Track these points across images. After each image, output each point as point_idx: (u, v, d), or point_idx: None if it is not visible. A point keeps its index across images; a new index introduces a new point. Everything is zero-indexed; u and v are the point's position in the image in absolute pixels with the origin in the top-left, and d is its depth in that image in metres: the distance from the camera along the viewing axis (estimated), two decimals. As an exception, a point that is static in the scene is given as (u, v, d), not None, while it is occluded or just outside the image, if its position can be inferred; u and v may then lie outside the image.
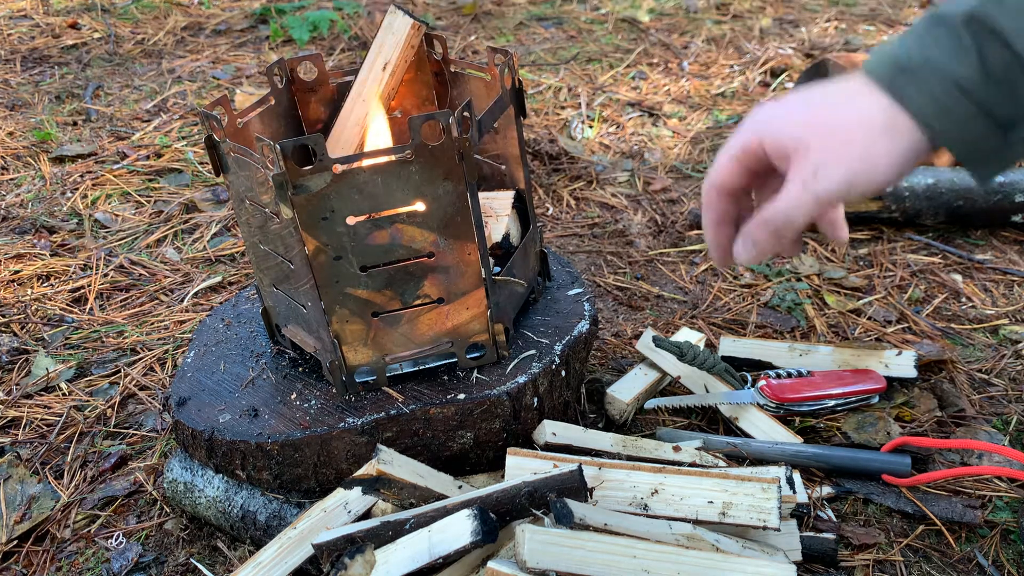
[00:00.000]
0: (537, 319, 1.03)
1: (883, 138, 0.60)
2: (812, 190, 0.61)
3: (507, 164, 1.04)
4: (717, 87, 2.23)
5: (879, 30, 2.57)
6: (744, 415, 1.08)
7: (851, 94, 0.63)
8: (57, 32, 2.80)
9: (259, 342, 1.05)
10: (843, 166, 0.61)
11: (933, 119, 0.59)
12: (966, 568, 0.91)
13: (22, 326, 1.42)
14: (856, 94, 0.62)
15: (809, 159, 0.62)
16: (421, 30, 1.02)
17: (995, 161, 0.62)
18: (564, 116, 2.11)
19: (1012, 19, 0.57)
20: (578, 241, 1.60)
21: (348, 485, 0.86)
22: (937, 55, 0.59)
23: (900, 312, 1.33)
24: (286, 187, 0.80)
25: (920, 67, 0.59)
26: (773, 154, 0.64)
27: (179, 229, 1.70)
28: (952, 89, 0.58)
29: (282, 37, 2.72)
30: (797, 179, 0.62)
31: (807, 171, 0.61)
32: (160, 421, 1.19)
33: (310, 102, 1.06)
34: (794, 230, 0.64)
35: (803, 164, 0.62)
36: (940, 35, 0.59)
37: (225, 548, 0.97)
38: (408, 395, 0.92)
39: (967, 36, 0.58)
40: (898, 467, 0.99)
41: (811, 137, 0.62)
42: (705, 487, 0.83)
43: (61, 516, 1.05)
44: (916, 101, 0.59)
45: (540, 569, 0.71)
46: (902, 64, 0.60)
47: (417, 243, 0.86)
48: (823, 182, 0.61)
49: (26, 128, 2.16)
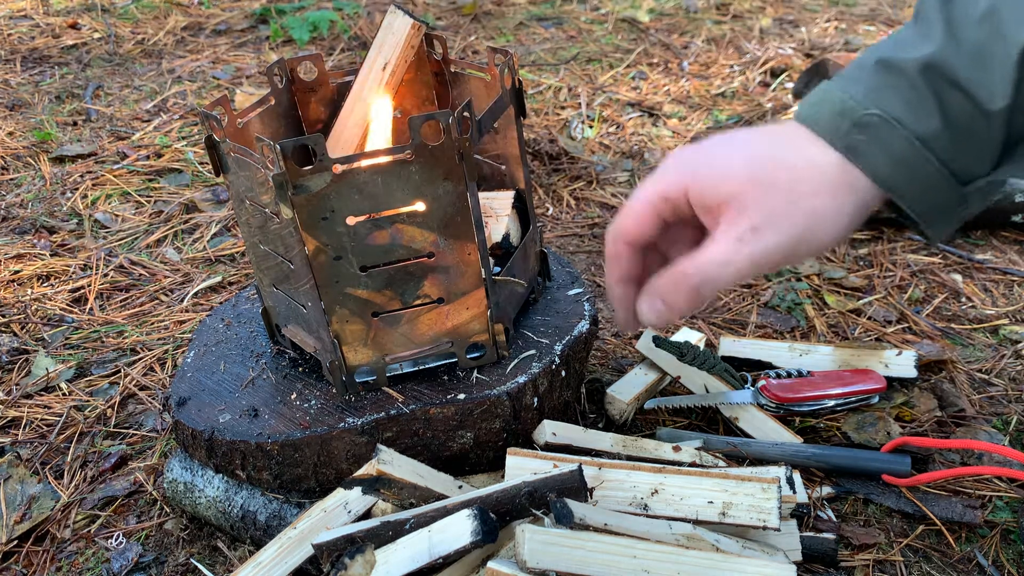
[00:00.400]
0: (537, 319, 1.03)
1: (833, 195, 0.55)
2: (749, 251, 0.54)
3: (507, 164, 1.04)
4: (717, 87, 2.23)
5: (879, 30, 2.57)
6: (744, 415, 1.08)
7: (795, 145, 0.56)
8: (57, 32, 2.80)
9: (259, 342, 1.05)
10: (787, 226, 0.54)
11: (891, 176, 0.55)
12: (966, 568, 0.91)
13: (22, 326, 1.42)
14: (801, 146, 0.56)
15: (746, 215, 0.55)
16: (421, 30, 1.02)
17: (951, 216, 0.57)
18: (564, 116, 2.11)
19: (972, 68, 0.52)
20: (578, 241, 1.60)
21: (348, 485, 0.86)
22: (894, 108, 0.54)
23: (900, 312, 1.33)
24: (286, 187, 0.80)
25: (875, 121, 0.54)
26: (699, 206, 0.57)
27: (179, 229, 1.70)
28: (912, 144, 0.54)
29: (282, 37, 2.72)
30: (730, 234, 0.55)
31: (742, 228, 0.54)
32: (160, 421, 1.19)
33: (310, 102, 1.06)
34: (712, 293, 0.57)
35: (738, 220, 0.55)
36: (894, 85, 0.55)
37: (225, 548, 0.97)
38: (408, 395, 0.92)
39: (924, 87, 0.54)
40: (898, 467, 0.99)
41: (749, 191, 0.55)
42: (705, 487, 0.83)
43: (61, 516, 1.05)
44: (872, 158, 0.54)
45: (540, 569, 0.71)
46: (854, 116, 0.55)
47: (417, 243, 0.86)
48: (762, 243, 0.54)
49: (26, 128, 2.16)
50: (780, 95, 2.15)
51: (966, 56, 0.53)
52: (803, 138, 0.56)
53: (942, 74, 0.53)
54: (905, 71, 0.54)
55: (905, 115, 0.54)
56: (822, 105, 0.57)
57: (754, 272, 0.56)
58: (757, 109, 2.07)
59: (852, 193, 0.55)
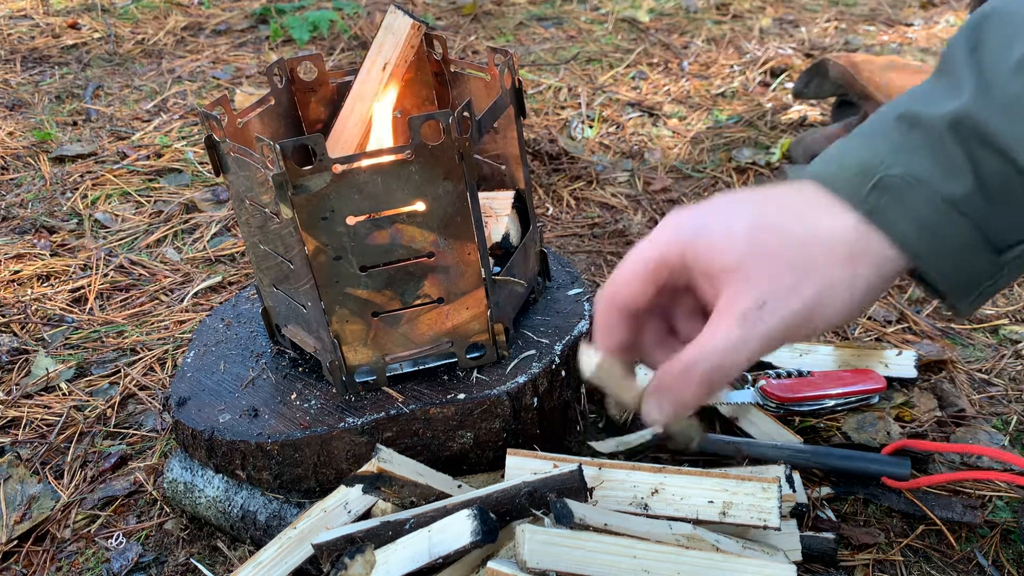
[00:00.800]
0: (537, 319, 1.03)
1: (846, 265, 0.49)
2: (758, 330, 0.49)
3: (507, 164, 1.04)
4: (717, 87, 2.23)
5: (879, 30, 2.57)
6: (744, 415, 1.08)
7: (807, 208, 0.51)
8: (57, 32, 2.80)
9: (259, 342, 1.05)
10: (799, 300, 0.49)
11: (917, 243, 0.49)
12: (966, 568, 0.91)
13: (22, 326, 1.42)
14: (813, 208, 0.51)
15: (751, 288, 0.49)
16: (421, 30, 1.02)
17: (983, 288, 0.52)
18: (564, 116, 2.11)
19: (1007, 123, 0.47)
20: (578, 241, 1.60)
21: (350, 482, 0.86)
22: (922, 169, 0.49)
23: (900, 312, 1.33)
24: (286, 187, 0.80)
25: (899, 182, 0.49)
26: (699, 273, 0.52)
27: (179, 229, 1.70)
28: (942, 209, 0.48)
29: (282, 37, 2.72)
30: (734, 312, 0.50)
31: (748, 303, 0.49)
32: (160, 421, 1.19)
33: (310, 102, 1.06)
34: (726, 381, 0.51)
35: (742, 294, 0.50)
36: (919, 143, 0.49)
37: (225, 548, 0.97)
38: (408, 395, 0.92)
39: (955, 146, 0.48)
40: (898, 470, 0.99)
41: (755, 260, 0.50)
42: (705, 487, 0.83)
43: (61, 516, 1.05)
44: (896, 222, 0.49)
45: (540, 569, 0.71)
46: (875, 176, 0.49)
47: (417, 243, 0.86)
48: (772, 319, 0.49)
49: (26, 128, 2.16)
50: (780, 95, 2.15)
51: (1000, 110, 0.47)
52: (815, 201, 0.51)
53: (974, 130, 0.48)
54: (932, 127, 0.49)
55: (933, 176, 0.48)
56: (840, 163, 0.52)
57: (766, 351, 0.51)
58: (757, 109, 2.07)
59: (869, 264, 0.50)
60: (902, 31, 2.55)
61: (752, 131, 1.97)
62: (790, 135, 1.94)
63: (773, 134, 1.96)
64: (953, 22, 2.59)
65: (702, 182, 1.79)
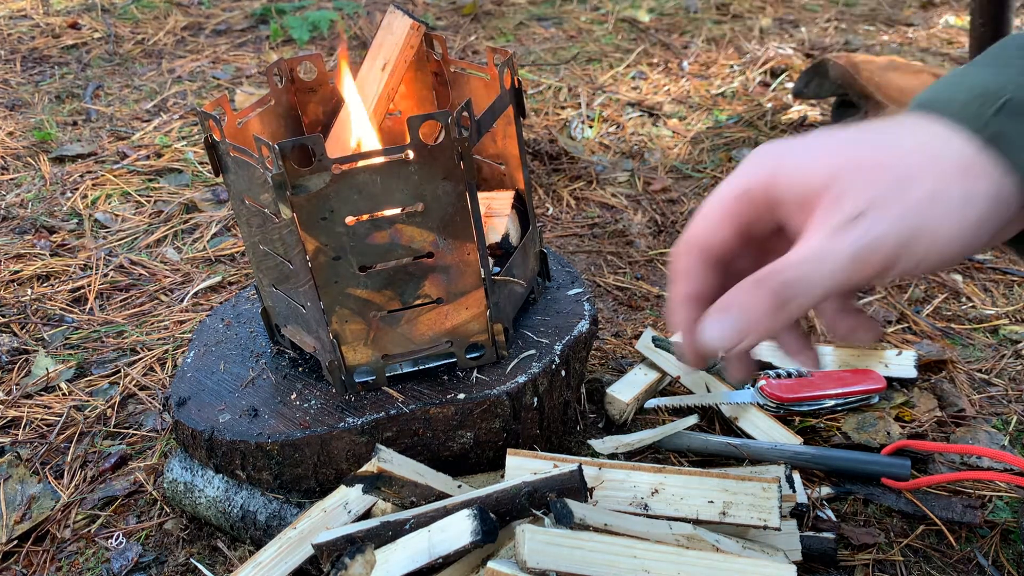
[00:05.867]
0: (537, 319, 1.03)
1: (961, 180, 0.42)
2: (850, 243, 0.41)
3: (507, 164, 1.04)
4: (717, 87, 2.23)
5: (879, 30, 2.57)
6: (744, 415, 1.08)
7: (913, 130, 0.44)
8: (57, 32, 2.80)
9: (259, 342, 1.05)
10: (898, 211, 0.41)
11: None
12: (966, 568, 0.91)
13: (22, 326, 1.42)
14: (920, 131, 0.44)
15: (845, 201, 0.42)
16: (420, 30, 1.02)
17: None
18: (564, 116, 2.11)
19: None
20: (578, 241, 1.60)
21: (350, 482, 0.86)
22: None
23: (900, 312, 1.33)
24: (285, 187, 0.80)
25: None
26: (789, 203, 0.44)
27: (179, 229, 1.70)
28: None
29: (282, 37, 2.72)
30: (824, 225, 0.42)
31: (841, 216, 0.42)
32: (160, 421, 1.19)
33: (310, 102, 1.06)
34: (804, 301, 0.42)
35: (835, 208, 0.42)
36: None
37: (225, 548, 0.97)
38: (408, 395, 0.92)
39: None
40: (898, 471, 0.99)
41: (848, 174, 0.42)
42: (705, 487, 0.83)
43: (61, 516, 1.05)
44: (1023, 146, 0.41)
45: (540, 569, 0.71)
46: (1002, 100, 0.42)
47: (416, 243, 0.86)
48: (866, 232, 0.41)
49: (26, 128, 2.16)
50: (780, 95, 2.15)
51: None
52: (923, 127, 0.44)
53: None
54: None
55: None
56: (954, 89, 0.44)
57: (858, 274, 0.42)
58: (757, 109, 2.07)
59: (988, 185, 0.42)
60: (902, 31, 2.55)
61: (752, 131, 1.97)
62: (790, 135, 1.94)
63: (773, 134, 1.96)
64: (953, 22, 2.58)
65: (702, 182, 1.79)
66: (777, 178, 0.44)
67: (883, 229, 0.41)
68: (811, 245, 0.42)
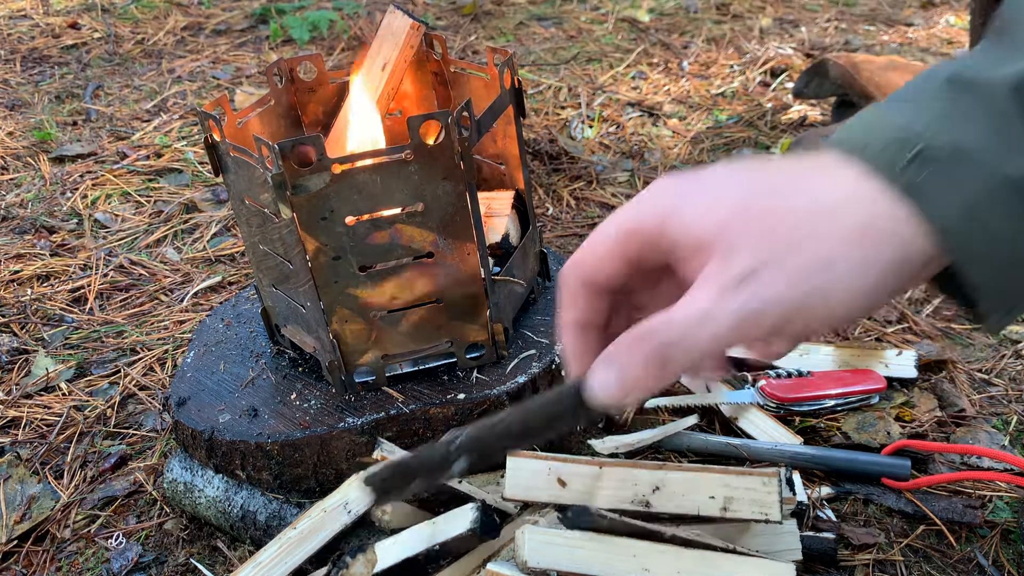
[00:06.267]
0: (537, 319, 1.03)
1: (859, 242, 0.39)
2: (734, 306, 0.39)
3: (507, 164, 1.04)
4: (717, 87, 2.23)
5: (879, 30, 2.57)
6: (744, 415, 1.08)
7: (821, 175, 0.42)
8: (57, 32, 2.80)
9: (259, 342, 1.05)
10: (791, 275, 0.39)
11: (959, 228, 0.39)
12: (966, 568, 0.91)
13: (22, 326, 1.42)
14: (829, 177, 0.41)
15: (734, 259, 0.40)
16: (420, 30, 1.02)
17: None
18: (564, 116, 2.11)
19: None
20: (578, 241, 1.60)
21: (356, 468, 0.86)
22: (976, 140, 0.40)
23: (900, 312, 1.33)
24: (285, 187, 0.80)
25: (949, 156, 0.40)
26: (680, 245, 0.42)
27: (179, 229, 1.70)
28: (997, 190, 0.39)
29: (282, 37, 2.72)
30: (711, 283, 0.40)
31: (728, 275, 0.40)
32: (160, 421, 1.19)
33: (310, 102, 1.06)
34: (685, 362, 0.41)
35: (725, 264, 0.40)
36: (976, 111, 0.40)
37: (225, 548, 0.97)
38: (408, 395, 0.92)
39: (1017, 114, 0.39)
40: (898, 471, 0.99)
41: (741, 228, 0.40)
42: (706, 483, 0.83)
43: (61, 516, 1.05)
44: (940, 201, 0.39)
45: (540, 569, 0.71)
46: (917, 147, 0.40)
47: (416, 243, 0.86)
48: (754, 295, 0.39)
49: (26, 128, 2.16)
50: (780, 95, 2.15)
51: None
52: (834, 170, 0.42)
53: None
54: (990, 92, 0.40)
55: (990, 149, 0.39)
56: (869, 129, 0.42)
57: (741, 338, 0.40)
58: (757, 109, 2.07)
59: (894, 246, 0.40)
60: (902, 31, 2.55)
61: (752, 131, 1.97)
62: (790, 135, 1.94)
63: (773, 134, 1.96)
64: (953, 22, 2.58)
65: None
66: (670, 222, 0.43)
67: (771, 295, 0.39)
68: (696, 303, 0.40)
